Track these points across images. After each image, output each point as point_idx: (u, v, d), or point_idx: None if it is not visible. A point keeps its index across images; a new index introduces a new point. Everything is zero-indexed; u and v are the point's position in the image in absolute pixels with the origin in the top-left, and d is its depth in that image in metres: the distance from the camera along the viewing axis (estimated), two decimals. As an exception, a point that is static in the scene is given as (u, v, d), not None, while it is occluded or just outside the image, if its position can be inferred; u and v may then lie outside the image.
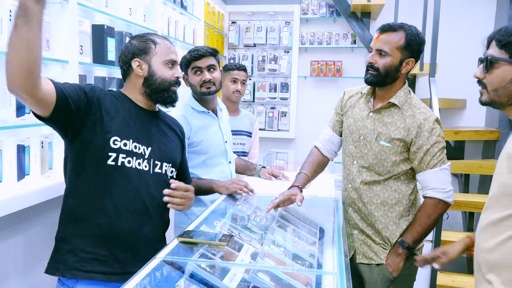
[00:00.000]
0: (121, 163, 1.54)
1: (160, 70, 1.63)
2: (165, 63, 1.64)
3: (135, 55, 1.63)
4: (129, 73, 1.66)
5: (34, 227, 2.14)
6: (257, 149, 3.07)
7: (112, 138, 1.53)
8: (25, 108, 1.91)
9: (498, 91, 1.25)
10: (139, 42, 1.65)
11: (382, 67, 1.79)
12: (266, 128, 4.94)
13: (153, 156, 1.64)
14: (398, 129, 1.81)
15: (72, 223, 1.57)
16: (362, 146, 1.89)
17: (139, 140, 1.60)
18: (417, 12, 3.78)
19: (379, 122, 1.86)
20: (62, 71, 2.13)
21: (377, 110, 1.88)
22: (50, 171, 2.10)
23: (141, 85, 1.64)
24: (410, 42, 1.77)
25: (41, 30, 1.21)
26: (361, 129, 1.90)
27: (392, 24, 1.80)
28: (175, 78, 1.66)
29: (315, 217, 1.95)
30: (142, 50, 1.63)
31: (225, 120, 2.35)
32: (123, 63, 1.66)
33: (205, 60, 2.16)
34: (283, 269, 1.32)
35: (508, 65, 1.23)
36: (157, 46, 1.64)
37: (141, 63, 1.63)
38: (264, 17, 4.99)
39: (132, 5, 2.73)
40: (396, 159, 1.83)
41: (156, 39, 1.66)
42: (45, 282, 2.23)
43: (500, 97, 1.26)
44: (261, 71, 4.96)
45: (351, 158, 1.94)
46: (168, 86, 1.65)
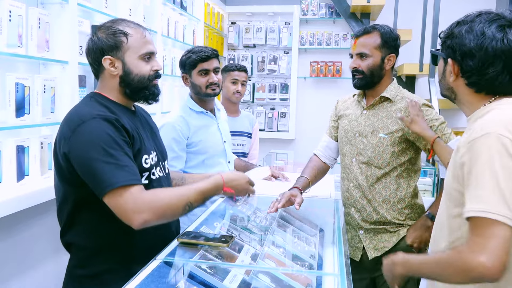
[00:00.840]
0: (150, 179, 1.45)
1: (136, 67, 1.42)
2: (141, 57, 1.43)
3: (104, 51, 1.40)
4: (100, 71, 1.44)
5: (33, 228, 2.14)
6: (257, 150, 3.07)
7: (144, 157, 1.42)
8: (24, 109, 1.91)
9: (440, 83, 1.30)
10: (107, 36, 1.40)
11: (366, 69, 1.87)
12: (266, 129, 4.94)
13: (160, 158, 1.55)
14: (395, 120, 1.86)
15: (107, 256, 1.40)
16: (358, 143, 1.93)
17: (151, 148, 1.49)
18: (416, 13, 3.78)
19: (374, 118, 1.91)
20: (61, 72, 2.13)
21: (370, 107, 1.93)
22: (50, 171, 2.09)
23: (118, 85, 1.43)
24: (386, 40, 1.86)
25: None
26: (355, 127, 1.95)
27: (365, 27, 1.90)
28: (154, 71, 1.46)
29: (315, 217, 1.94)
30: (112, 46, 1.40)
31: (223, 120, 2.35)
32: (92, 61, 1.43)
33: (211, 62, 2.16)
34: (283, 270, 1.32)
35: (441, 58, 1.27)
36: (129, 38, 1.41)
37: (113, 61, 1.40)
38: (264, 17, 4.99)
39: (132, 6, 2.73)
40: (394, 150, 1.85)
41: (127, 30, 1.41)
42: (45, 283, 2.23)
43: (442, 90, 1.30)
44: (261, 72, 4.96)
45: (349, 157, 1.96)
46: (148, 83, 1.45)
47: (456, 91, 1.24)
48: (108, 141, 1.29)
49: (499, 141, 1.04)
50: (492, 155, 1.03)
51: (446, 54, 1.21)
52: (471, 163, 1.07)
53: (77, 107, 1.44)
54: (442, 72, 1.25)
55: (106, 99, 1.44)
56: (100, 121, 1.32)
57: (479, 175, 1.04)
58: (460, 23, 1.20)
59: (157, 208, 1.29)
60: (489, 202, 1.01)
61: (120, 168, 1.27)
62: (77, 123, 1.32)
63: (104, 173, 1.26)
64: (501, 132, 1.05)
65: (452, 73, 1.21)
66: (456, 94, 1.24)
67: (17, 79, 1.85)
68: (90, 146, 1.28)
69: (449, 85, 1.24)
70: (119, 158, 1.28)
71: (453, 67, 1.20)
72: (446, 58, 1.22)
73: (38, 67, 2.12)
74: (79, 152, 1.29)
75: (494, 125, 1.06)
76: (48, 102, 2.05)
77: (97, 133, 1.29)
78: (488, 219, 1.00)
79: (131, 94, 1.46)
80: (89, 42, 1.44)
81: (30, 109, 1.94)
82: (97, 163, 1.26)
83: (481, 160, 1.05)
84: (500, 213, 1.00)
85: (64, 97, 2.13)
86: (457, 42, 1.17)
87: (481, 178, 1.04)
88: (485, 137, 1.06)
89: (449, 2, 4.10)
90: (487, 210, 1.01)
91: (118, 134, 1.32)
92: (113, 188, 1.25)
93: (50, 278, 2.24)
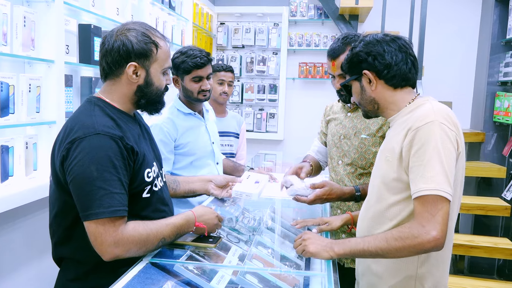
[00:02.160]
0: (152, 191, 1.42)
1: (158, 79, 1.40)
2: (163, 71, 1.41)
3: (132, 56, 1.33)
4: (116, 75, 1.36)
5: (18, 229, 2.10)
6: (245, 151, 3.07)
7: (146, 171, 1.39)
8: (9, 108, 1.88)
9: (361, 103, 1.46)
10: (138, 42, 1.33)
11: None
12: (254, 130, 4.93)
13: (159, 167, 1.51)
14: (376, 121, 1.87)
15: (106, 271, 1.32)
16: (343, 145, 1.95)
17: (152, 159, 1.45)
18: (404, 15, 3.81)
19: (357, 119, 1.93)
20: (47, 71, 2.10)
21: (354, 109, 1.95)
22: (35, 172, 2.07)
23: (133, 93, 1.38)
24: None
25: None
26: (340, 130, 1.97)
27: (337, 46, 1.85)
28: (165, 85, 1.45)
29: (303, 218, 1.95)
30: (142, 53, 1.34)
31: (211, 121, 2.34)
32: (112, 62, 1.34)
33: (206, 69, 2.12)
34: (271, 270, 1.32)
35: (353, 81, 1.45)
36: (159, 50, 1.37)
37: (138, 68, 1.35)
38: (253, 18, 4.99)
39: (120, 5, 2.71)
40: (376, 150, 1.87)
41: (158, 42, 1.38)
42: (28, 287, 2.19)
43: (365, 107, 1.46)
44: (250, 73, 4.96)
45: (336, 160, 1.98)
46: (162, 96, 1.44)
47: (378, 99, 1.42)
48: (106, 163, 1.23)
49: (441, 127, 1.24)
50: (436, 141, 1.22)
51: (359, 70, 1.41)
52: (419, 147, 1.24)
53: (81, 115, 1.34)
54: (360, 91, 1.44)
55: (110, 106, 1.37)
56: (103, 138, 1.25)
57: (429, 159, 1.22)
58: (352, 49, 1.43)
59: (133, 246, 1.26)
60: (438, 182, 1.20)
61: (110, 196, 1.22)
62: (79, 135, 1.25)
63: (94, 198, 1.21)
64: (441, 121, 1.25)
65: (371, 81, 1.39)
66: (379, 102, 1.42)
67: (2, 78, 1.83)
68: (86, 165, 1.23)
69: (371, 96, 1.42)
70: (112, 184, 1.23)
71: (371, 75, 1.38)
72: (359, 74, 1.41)
73: (23, 66, 2.09)
74: (74, 168, 1.24)
75: (434, 115, 1.26)
76: (34, 102, 2.02)
77: (96, 152, 1.24)
78: (438, 196, 1.19)
79: (145, 105, 1.41)
80: (113, 41, 1.33)
81: (15, 108, 1.92)
82: (89, 185, 1.22)
83: (428, 145, 1.23)
84: (446, 190, 1.20)
85: (50, 97, 2.10)
86: (364, 53, 1.38)
87: (431, 161, 1.21)
88: (428, 125, 1.24)
89: (435, 6, 4.16)
90: (437, 189, 1.20)
91: (118, 156, 1.26)
92: (98, 218, 1.21)
93: (33, 281, 2.21)
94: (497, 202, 3.43)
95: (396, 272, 1.38)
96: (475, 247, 3.24)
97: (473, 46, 4.51)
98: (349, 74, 1.46)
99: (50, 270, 1.45)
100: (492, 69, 3.95)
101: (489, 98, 3.95)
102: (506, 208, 3.35)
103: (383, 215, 1.37)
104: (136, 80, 1.36)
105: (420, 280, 1.35)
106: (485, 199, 3.53)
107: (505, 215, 3.43)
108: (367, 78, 1.40)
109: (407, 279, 1.36)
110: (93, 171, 1.22)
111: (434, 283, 1.37)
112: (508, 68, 3.70)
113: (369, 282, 1.46)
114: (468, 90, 4.49)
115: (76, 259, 1.36)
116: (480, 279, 3.22)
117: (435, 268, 1.37)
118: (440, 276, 1.38)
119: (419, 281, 1.36)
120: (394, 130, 1.39)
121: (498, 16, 3.91)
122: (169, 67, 1.44)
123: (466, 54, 4.53)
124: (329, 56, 1.86)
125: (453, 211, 1.31)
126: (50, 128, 2.13)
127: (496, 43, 3.92)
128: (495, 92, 3.91)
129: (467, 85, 4.50)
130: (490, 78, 3.97)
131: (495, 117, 3.86)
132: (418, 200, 1.22)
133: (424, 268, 1.35)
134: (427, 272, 1.35)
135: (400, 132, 1.32)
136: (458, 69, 4.52)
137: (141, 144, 1.41)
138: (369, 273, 1.45)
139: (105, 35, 1.38)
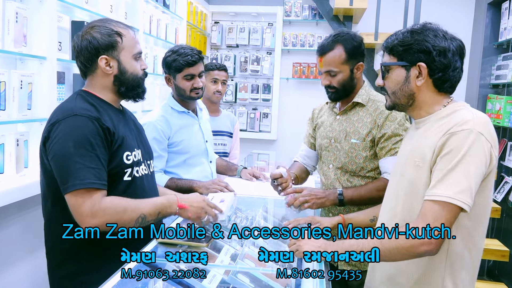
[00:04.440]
0: (133, 176, 1.48)
1: (131, 66, 1.49)
2: (134, 57, 1.50)
3: (100, 51, 1.44)
4: (92, 70, 1.47)
5: (8, 227, 2.08)
6: (238, 150, 3.06)
7: (125, 154, 1.45)
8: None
9: (396, 93, 1.34)
10: (103, 36, 1.44)
11: (338, 84, 1.84)
12: (248, 129, 4.93)
13: (146, 157, 1.58)
14: (365, 124, 1.86)
15: (92, 253, 1.42)
16: (333, 148, 1.93)
17: (135, 146, 1.52)
18: (398, 17, 3.83)
19: (346, 123, 1.91)
20: (39, 67, 2.08)
21: (343, 112, 1.93)
22: (26, 169, 2.05)
23: (111, 83, 1.49)
24: (351, 52, 1.81)
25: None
26: (330, 132, 1.95)
27: (327, 43, 1.82)
28: (143, 70, 1.54)
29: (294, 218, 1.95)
30: (109, 45, 1.44)
31: (205, 120, 2.34)
32: (85, 60, 1.45)
33: (197, 67, 2.12)
34: (263, 270, 1.32)
35: (399, 68, 1.32)
36: (124, 38, 1.47)
37: (109, 60, 1.45)
38: (247, 18, 4.99)
39: (113, 2, 2.69)
40: (366, 155, 1.86)
41: (121, 31, 1.47)
42: (20, 284, 2.17)
43: (399, 99, 1.35)
44: (244, 72, 4.96)
45: (327, 163, 1.97)
46: (140, 82, 1.53)
47: (417, 96, 1.32)
48: (82, 140, 1.33)
49: (477, 137, 1.18)
50: (469, 149, 1.16)
51: (415, 59, 1.28)
52: (448, 152, 1.18)
53: (63, 103, 1.47)
54: (403, 81, 1.31)
55: (93, 96, 1.47)
56: (80, 118, 1.36)
57: (454, 166, 1.16)
58: (413, 32, 1.29)
59: (110, 217, 1.33)
60: (456, 191, 1.15)
61: (86, 170, 1.31)
62: (58, 118, 1.37)
63: (71, 171, 1.31)
64: (480, 130, 1.18)
65: (420, 76, 1.29)
66: (417, 100, 1.33)
67: (-7, 74, 1.81)
68: (64, 142, 1.33)
69: (412, 91, 1.31)
70: (87, 159, 1.33)
71: (425, 70, 1.28)
72: (412, 64, 1.29)
73: (15, 62, 2.07)
74: (53, 146, 1.34)
75: (473, 124, 1.19)
76: (25, 99, 2.00)
77: (74, 131, 1.34)
78: (449, 204, 1.15)
79: (125, 92, 1.51)
80: (80, 41, 1.45)
81: (6, 105, 1.89)
82: (67, 160, 1.32)
83: (458, 152, 1.17)
84: (463, 200, 1.15)
85: (42, 94, 2.08)
86: (429, 45, 1.26)
87: (456, 168, 1.16)
88: (465, 132, 1.18)
89: (429, 7, 4.18)
90: (452, 197, 1.15)
91: (95, 134, 1.36)
92: (75, 189, 1.30)
93: (25, 279, 2.19)
94: (488, 204, 3.46)
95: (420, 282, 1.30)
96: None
97: (465, 49, 4.54)
98: (398, 58, 1.31)
99: (42, 267, 1.45)
100: (484, 72, 3.98)
101: (481, 100, 3.98)
102: (497, 210, 3.37)
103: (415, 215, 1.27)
104: (111, 71, 1.47)
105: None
106: (476, 201, 3.55)
107: (495, 217, 3.46)
108: (417, 71, 1.29)
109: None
110: (70, 148, 1.32)
111: None
112: (500, 71, 3.73)
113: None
114: (460, 92, 4.52)
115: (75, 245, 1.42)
116: (470, 279, 3.24)
117: (460, 280, 1.28)
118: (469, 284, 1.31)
119: None
120: (424, 133, 1.31)
121: (491, 19, 3.94)
122: (138, 52, 1.52)
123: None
124: (317, 52, 1.86)
125: (485, 218, 1.27)
126: (41, 126, 2.11)
127: (489, 46, 3.95)
128: (487, 94, 3.94)
129: (459, 87, 4.46)
130: (482, 81, 4.00)
131: (486, 119, 3.88)
132: (430, 202, 1.18)
133: (453, 277, 1.27)
134: (460, 281, 1.28)
135: (434, 137, 1.25)
136: (451, 71, 4.54)
137: (120, 127, 1.48)
138: (390, 283, 1.37)
139: (74, 38, 1.49)
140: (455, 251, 1.26)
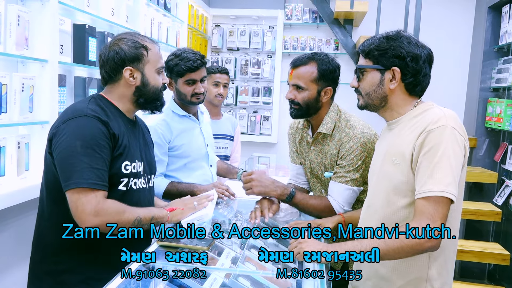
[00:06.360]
0: (130, 187, 1.50)
1: (154, 79, 1.54)
2: (157, 71, 1.55)
3: (126, 62, 1.49)
4: (116, 80, 1.52)
5: (9, 230, 2.08)
6: (239, 153, 3.06)
7: (124, 163, 1.47)
8: (1, 107, 1.86)
9: (370, 95, 1.43)
10: (130, 48, 1.50)
11: (302, 101, 1.79)
12: (248, 132, 4.94)
13: (147, 171, 1.60)
14: (333, 157, 1.83)
15: (82, 252, 1.44)
16: (320, 176, 1.91)
17: (137, 158, 1.55)
18: (398, 21, 3.84)
19: (321, 154, 1.88)
20: (41, 70, 2.09)
21: (315, 142, 1.89)
22: (27, 172, 2.05)
23: (131, 93, 1.53)
24: (323, 73, 1.77)
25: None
26: (311, 163, 1.93)
27: (302, 57, 1.80)
28: (163, 84, 1.59)
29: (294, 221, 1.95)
30: (135, 57, 1.50)
31: (206, 123, 2.33)
32: (110, 70, 1.50)
33: (200, 72, 2.11)
34: (264, 273, 1.32)
35: (374, 71, 1.40)
36: (149, 52, 1.52)
37: (134, 71, 1.50)
38: (248, 21, 5.00)
39: (115, 5, 2.70)
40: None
41: (147, 45, 1.53)
42: (19, 286, 2.17)
43: (372, 100, 1.43)
44: (244, 75, 4.96)
45: (319, 189, 1.95)
46: (159, 95, 1.58)
47: (389, 98, 1.41)
48: (90, 140, 1.36)
49: (452, 132, 1.27)
50: (447, 144, 1.26)
51: (390, 64, 1.37)
52: (429, 149, 1.27)
53: (76, 103, 1.52)
54: (377, 83, 1.40)
55: (107, 102, 1.51)
56: (89, 119, 1.40)
57: (439, 161, 1.25)
58: (389, 38, 1.38)
59: (111, 217, 1.35)
60: (446, 184, 1.24)
61: (91, 170, 1.34)
62: (69, 116, 1.40)
63: (75, 169, 1.33)
64: (453, 125, 1.28)
65: (393, 80, 1.38)
66: (389, 102, 1.42)
67: (-6, 77, 1.81)
68: (72, 140, 1.35)
69: (385, 93, 1.40)
70: (93, 160, 1.35)
71: (398, 74, 1.36)
72: (386, 68, 1.38)
73: (16, 65, 2.08)
74: (61, 143, 1.36)
75: (445, 120, 1.29)
76: (26, 101, 2.01)
77: (83, 130, 1.37)
78: (443, 197, 1.23)
79: (143, 103, 1.56)
80: (108, 52, 1.50)
81: (7, 108, 1.90)
82: (73, 158, 1.34)
83: (439, 147, 1.26)
84: (452, 192, 1.24)
85: (43, 97, 2.09)
86: (403, 51, 1.35)
87: (440, 163, 1.25)
88: (441, 128, 1.27)
89: (429, 11, 4.19)
90: (444, 190, 1.23)
91: (103, 137, 1.39)
92: (78, 187, 1.32)
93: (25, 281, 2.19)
94: (488, 207, 3.46)
95: (405, 274, 1.38)
96: (466, 251, 3.26)
97: (466, 52, 4.56)
98: (374, 62, 1.40)
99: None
100: (484, 75, 3.99)
101: (481, 104, 3.99)
102: (497, 213, 3.37)
103: (391, 219, 1.37)
104: (134, 82, 1.51)
105: (431, 281, 1.36)
106: (477, 204, 3.55)
107: (496, 220, 3.46)
108: (391, 75, 1.38)
109: (416, 280, 1.37)
110: (77, 146, 1.35)
111: (442, 284, 1.38)
112: (500, 74, 3.73)
113: (376, 285, 1.45)
114: (461, 96, 4.53)
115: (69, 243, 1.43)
116: (470, 283, 3.24)
117: (444, 269, 1.38)
118: (447, 277, 1.40)
119: (429, 282, 1.36)
120: (398, 133, 1.39)
121: (491, 23, 3.95)
122: (162, 67, 1.57)
123: (459, 60, 4.57)
124: (291, 63, 1.82)
125: (458, 213, 1.39)
126: (42, 128, 2.11)
127: (489, 49, 3.96)
128: (487, 98, 3.95)
129: (459, 90, 4.54)
130: (483, 84, 4.01)
131: (487, 123, 3.89)
132: (424, 199, 1.25)
133: (434, 269, 1.36)
134: (437, 273, 1.36)
135: (409, 135, 1.33)
136: (451, 75, 4.56)
137: (126, 137, 1.50)
138: (375, 277, 1.44)
139: (101, 48, 1.55)
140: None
